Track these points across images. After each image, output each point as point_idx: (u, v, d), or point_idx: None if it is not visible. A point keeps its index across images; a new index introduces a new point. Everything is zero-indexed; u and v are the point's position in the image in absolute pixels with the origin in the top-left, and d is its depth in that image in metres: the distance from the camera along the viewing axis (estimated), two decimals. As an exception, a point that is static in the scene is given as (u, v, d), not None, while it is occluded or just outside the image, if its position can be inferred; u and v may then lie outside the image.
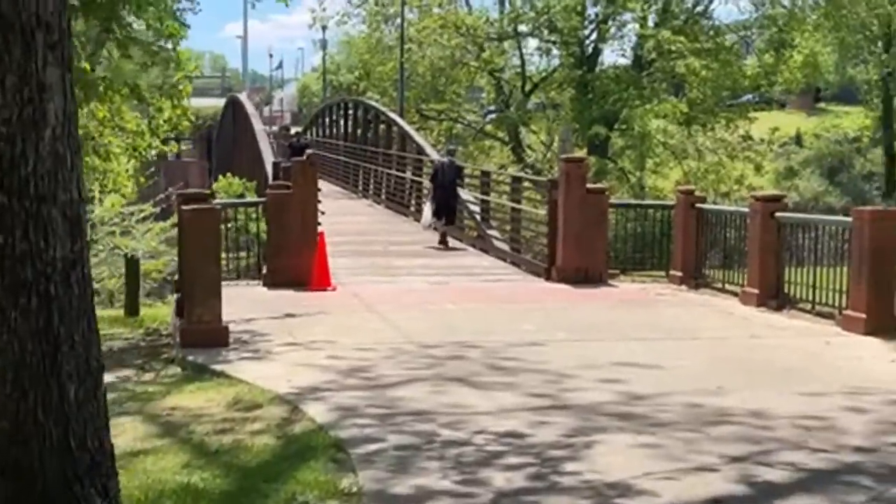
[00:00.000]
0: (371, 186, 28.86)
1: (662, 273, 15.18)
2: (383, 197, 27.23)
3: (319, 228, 14.45)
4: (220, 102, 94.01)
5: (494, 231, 18.31)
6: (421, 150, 23.77)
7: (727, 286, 13.61)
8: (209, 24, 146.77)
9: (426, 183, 20.54)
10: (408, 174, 23.97)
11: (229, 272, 13.92)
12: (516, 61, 35.73)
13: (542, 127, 35.97)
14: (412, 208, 23.51)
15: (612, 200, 16.53)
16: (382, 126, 29.03)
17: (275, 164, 19.46)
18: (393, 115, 27.84)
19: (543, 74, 35.57)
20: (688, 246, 14.46)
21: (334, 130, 36.29)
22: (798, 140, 53.81)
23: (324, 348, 9.50)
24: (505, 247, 17.46)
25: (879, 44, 48.69)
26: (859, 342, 10.00)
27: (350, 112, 33.58)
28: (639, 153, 31.69)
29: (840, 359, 9.19)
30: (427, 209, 19.24)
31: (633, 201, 24.45)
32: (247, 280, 14.35)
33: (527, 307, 12.39)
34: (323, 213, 15.01)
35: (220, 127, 47.14)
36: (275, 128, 61.91)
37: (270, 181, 18.17)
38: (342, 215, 24.60)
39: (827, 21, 41.07)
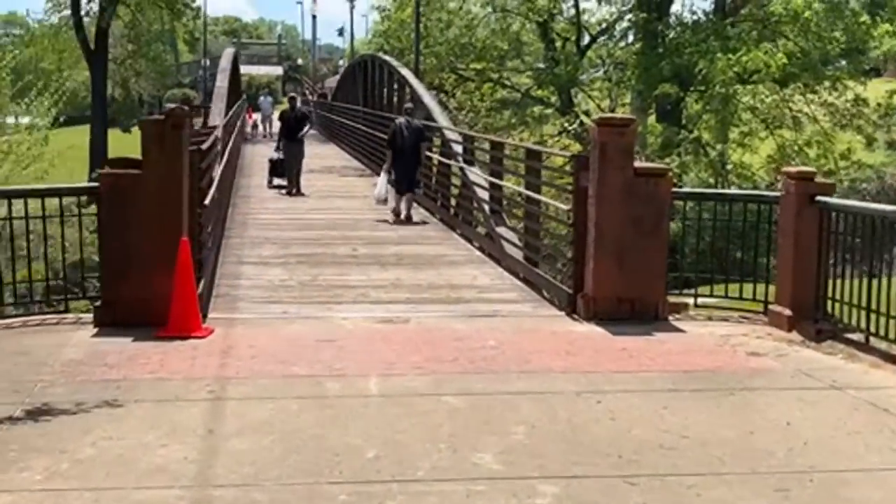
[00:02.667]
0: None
1: (755, 301, 9.48)
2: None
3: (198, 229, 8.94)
4: (276, 70, 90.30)
5: (509, 231, 12.59)
6: (429, 116, 18.11)
7: (875, 341, 7.81)
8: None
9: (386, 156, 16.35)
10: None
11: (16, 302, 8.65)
12: (571, 11, 29.35)
13: (602, 89, 29.74)
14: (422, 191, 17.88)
15: (680, 189, 10.73)
16: (400, 88, 23.41)
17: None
18: (406, 73, 22.13)
19: (604, 25, 29.30)
20: (803, 266, 8.68)
21: (355, 95, 30.75)
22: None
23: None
24: (520, 255, 11.76)
25: None
26: None
27: (368, 73, 28.01)
28: (720, 119, 25.01)
29: None
30: (382, 179, 15.78)
31: (709, 190, 18.15)
32: (80, 315, 8.91)
33: (510, 390, 6.74)
34: (206, 205, 9.48)
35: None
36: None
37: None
38: (328, 198, 19.22)
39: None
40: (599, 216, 9.15)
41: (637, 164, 9.39)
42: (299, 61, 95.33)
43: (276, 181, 20.16)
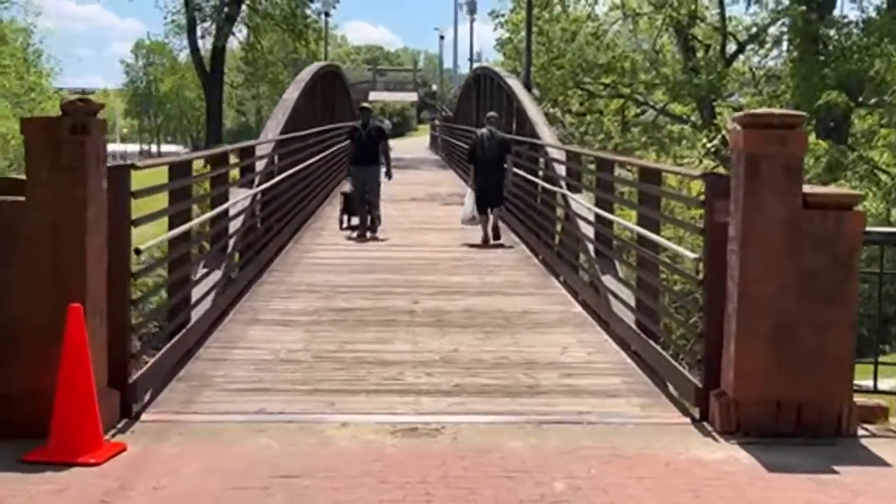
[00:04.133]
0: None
1: None
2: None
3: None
4: (411, 97, 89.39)
5: (618, 284, 9.13)
6: (534, 132, 14.89)
7: None
8: (435, 22, 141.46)
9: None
10: (512, 170, 14.77)
11: None
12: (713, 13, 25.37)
13: (752, 104, 25.66)
14: (526, 226, 14.60)
15: (877, 230, 7.10)
16: (509, 102, 20.22)
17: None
18: (513, 84, 18.87)
19: (753, 30, 25.26)
20: None
21: (470, 114, 27.73)
22: None
23: None
24: (631, 319, 8.28)
25: None
26: None
27: (480, 89, 24.94)
28: (903, 136, 20.58)
29: None
30: (468, 198, 14.39)
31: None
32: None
33: None
34: (140, 250, 6.43)
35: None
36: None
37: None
38: (415, 232, 16.10)
39: None
40: (746, 269, 5.75)
41: (808, 188, 5.92)
42: (433, 87, 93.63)
43: (354, 220, 15.45)
